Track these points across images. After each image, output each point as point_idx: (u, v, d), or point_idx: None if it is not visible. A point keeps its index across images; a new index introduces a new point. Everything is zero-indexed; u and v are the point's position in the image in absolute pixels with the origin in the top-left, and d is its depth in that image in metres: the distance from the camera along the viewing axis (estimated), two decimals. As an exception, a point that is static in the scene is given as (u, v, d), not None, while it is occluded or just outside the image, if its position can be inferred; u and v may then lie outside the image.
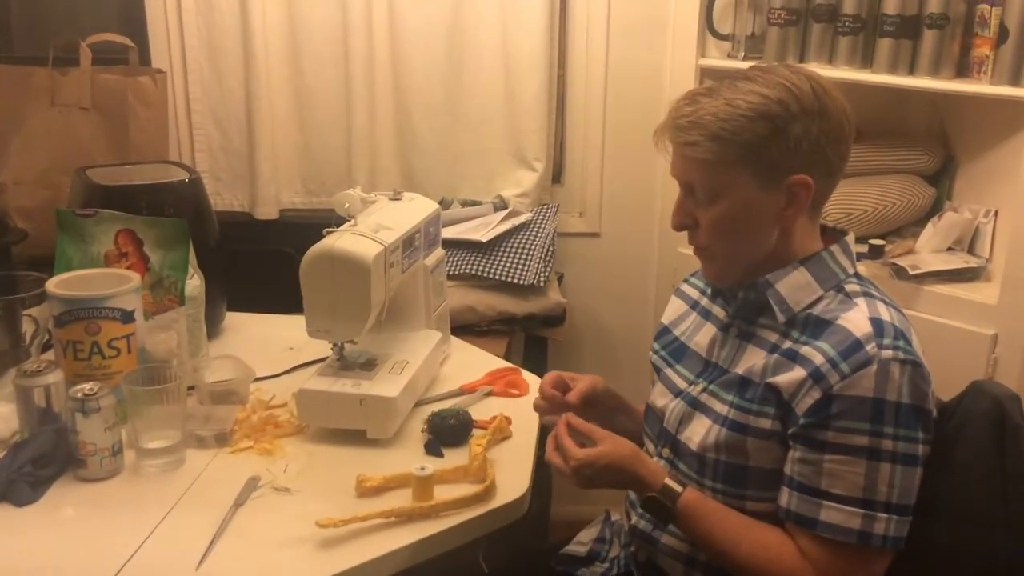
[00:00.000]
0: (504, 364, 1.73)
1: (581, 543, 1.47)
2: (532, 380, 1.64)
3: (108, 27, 2.22)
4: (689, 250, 1.28)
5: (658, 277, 2.49)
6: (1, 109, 2.06)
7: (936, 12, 1.88)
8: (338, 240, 1.39)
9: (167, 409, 1.34)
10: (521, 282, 2.15)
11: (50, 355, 1.47)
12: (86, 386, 1.29)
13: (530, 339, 2.25)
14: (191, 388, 1.50)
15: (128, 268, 1.53)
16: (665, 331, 1.41)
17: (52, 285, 1.39)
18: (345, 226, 1.45)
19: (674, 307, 1.43)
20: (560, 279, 2.38)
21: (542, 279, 2.17)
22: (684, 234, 1.26)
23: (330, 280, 1.38)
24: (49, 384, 1.32)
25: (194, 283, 1.60)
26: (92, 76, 2.06)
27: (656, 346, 1.41)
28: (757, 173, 1.15)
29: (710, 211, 1.19)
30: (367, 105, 2.34)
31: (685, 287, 1.44)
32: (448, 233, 2.11)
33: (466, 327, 2.09)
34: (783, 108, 1.13)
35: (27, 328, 1.54)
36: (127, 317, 1.40)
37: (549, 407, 1.35)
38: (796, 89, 1.14)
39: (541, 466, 1.38)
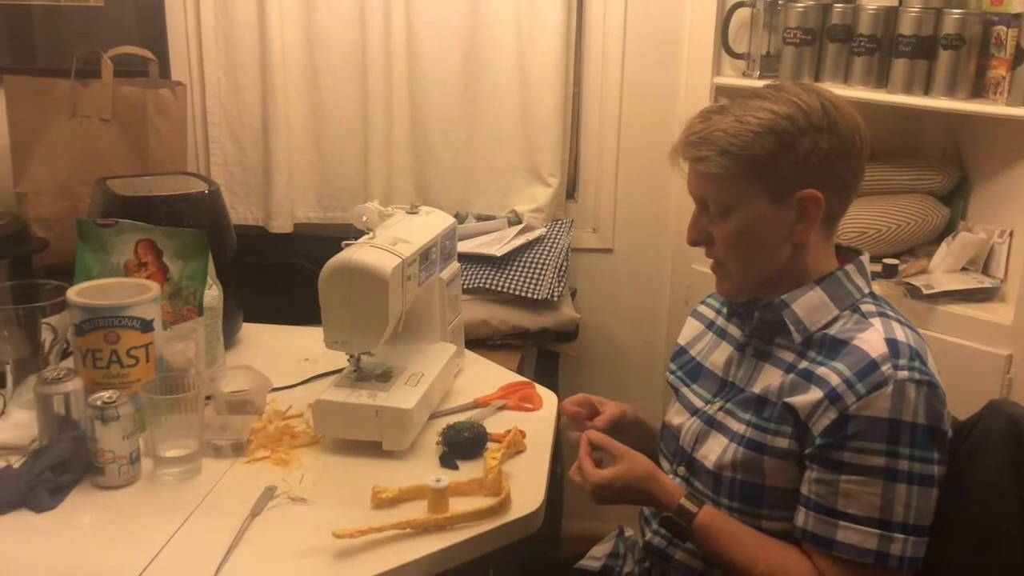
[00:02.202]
0: (518, 378, 1.73)
1: (595, 558, 1.47)
2: (545, 395, 1.65)
3: (128, 40, 2.24)
4: (703, 266, 1.30)
5: (671, 293, 2.49)
6: (23, 120, 2.08)
7: (952, 33, 1.88)
8: (356, 253, 1.40)
9: (185, 418, 1.35)
10: (535, 297, 2.16)
11: (68, 363, 1.48)
12: (105, 394, 1.30)
13: (542, 354, 2.26)
14: (208, 398, 1.51)
15: (147, 278, 1.55)
16: (681, 351, 1.42)
17: (73, 294, 1.41)
18: (363, 239, 1.46)
19: (690, 328, 1.44)
20: (573, 294, 2.39)
21: (556, 294, 2.18)
22: (697, 251, 1.27)
23: (348, 292, 1.39)
24: (68, 392, 1.33)
25: (212, 294, 1.61)
26: (113, 88, 2.08)
27: (673, 366, 1.42)
28: (767, 188, 1.17)
29: (723, 226, 1.21)
30: (383, 121, 2.35)
31: (701, 307, 1.45)
32: (463, 247, 2.12)
33: (479, 341, 2.09)
34: (791, 123, 1.15)
35: (46, 336, 1.56)
36: (146, 326, 1.41)
37: (573, 424, 1.36)
38: (805, 105, 1.16)
39: (553, 481, 1.39)
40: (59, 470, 1.29)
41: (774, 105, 1.16)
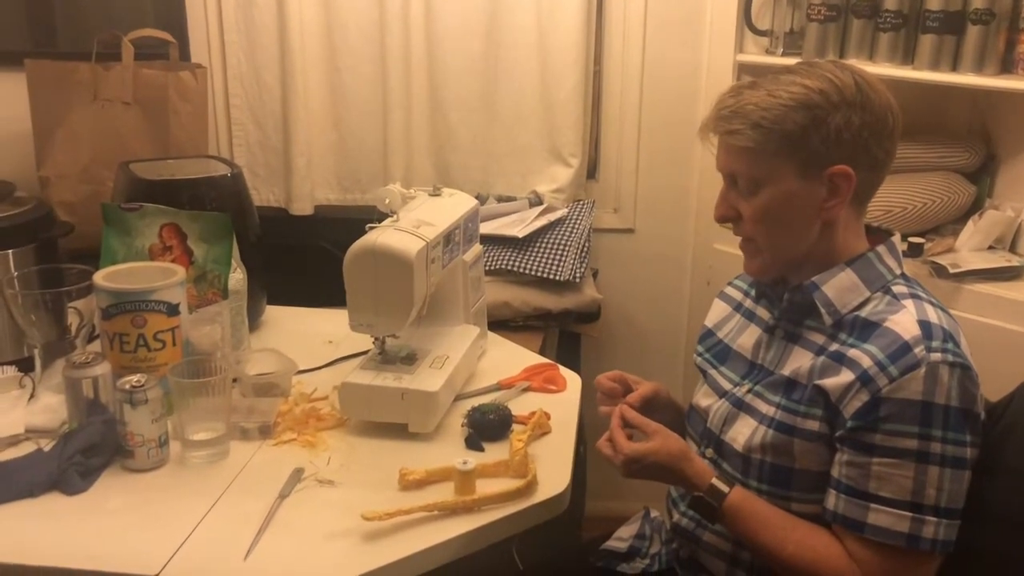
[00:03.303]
0: (542, 360, 1.73)
1: (621, 539, 1.47)
2: (569, 376, 1.64)
3: (147, 22, 2.24)
4: (725, 246, 1.29)
5: (692, 273, 2.48)
6: (45, 104, 2.08)
7: (981, 7, 1.85)
8: (381, 236, 1.40)
9: (212, 401, 1.35)
10: (557, 278, 2.15)
11: (95, 347, 1.49)
12: (134, 378, 1.31)
13: (564, 335, 2.25)
14: (234, 381, 1.51)
15: (172, 262, 1.55)
16: (709, 333, 1.41)
17: (100, 278, 1.41)
18: (387, 222, 1.45)
19: (717, 309, 1.43)
20: (595, 275, 2.38)
21: (578, 275, 2.17)
22: (719, 231, 1.26)
23: (373, 275, 1.39)
24: (97, 376, 1.34)
25: (237, 277, 1.62)
26: (134, 71, 2.08)
27: (700, 348, 1.41)
28: (798, 163, 1.16)
29: (752, 201, 1.20)
30: (402, 102, 2.34)
31: (728, 289, 1.44)
32: (484, 229, 2.11)
33: (501, 322, 2.09)
34: (824, 98, 1.14)
35: (72, 320, 1.56)
36: (172, 310, 1.42)
37: (607, 399, 1.36)
38: (838, 80, 1.15)
39: (577, 461, 1.39)
40: (89, 453, 1.30)
41: (807, 80, 1.15)
